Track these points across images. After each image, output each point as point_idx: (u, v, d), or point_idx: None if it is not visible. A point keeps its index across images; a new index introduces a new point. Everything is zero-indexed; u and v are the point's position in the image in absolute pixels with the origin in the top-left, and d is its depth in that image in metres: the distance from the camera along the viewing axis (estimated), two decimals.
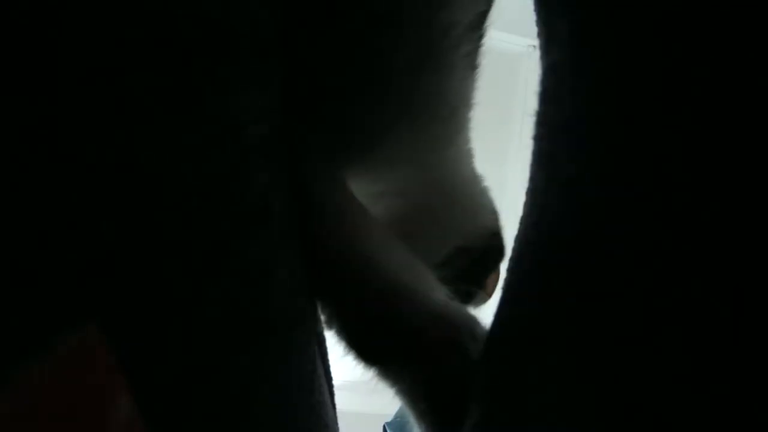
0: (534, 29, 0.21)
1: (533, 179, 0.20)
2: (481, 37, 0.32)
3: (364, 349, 0.30)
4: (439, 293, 0.29)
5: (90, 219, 0.09)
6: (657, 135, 0.13)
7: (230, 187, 0.14)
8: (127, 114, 0.10)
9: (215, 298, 0.13)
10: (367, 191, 0.33)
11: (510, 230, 0.23)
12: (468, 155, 0.36)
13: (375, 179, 0.34)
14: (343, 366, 0.31)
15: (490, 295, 0.38)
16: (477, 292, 0.38)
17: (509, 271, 0.23)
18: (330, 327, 0.31)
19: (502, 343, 0.22)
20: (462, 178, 0.36)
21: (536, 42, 0.21)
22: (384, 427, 0.61)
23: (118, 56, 0.09)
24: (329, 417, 0.32)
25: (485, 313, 0.28)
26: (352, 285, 0.29)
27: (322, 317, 0.31)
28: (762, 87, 0.11)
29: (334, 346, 0.32)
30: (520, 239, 0.22)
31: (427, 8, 0.27)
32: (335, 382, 0.40)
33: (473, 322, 0.28)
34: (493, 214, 0.39)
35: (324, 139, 0.28)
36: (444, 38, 0.29)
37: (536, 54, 0.21)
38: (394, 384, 0.29)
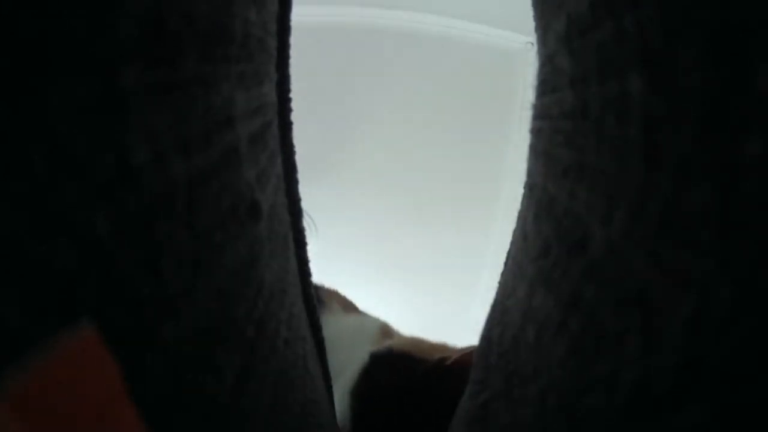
0: (531, 26, 0.21)
1: (531, 173, 0.20)
2: None
3: None
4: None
5: (82, 214, 0.09)
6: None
7: (217, 182, 0.14)
8: (115, 107, 0.10)
9: (205, 295, 0.13)
10: None
11: (508, 226, 0.23)
12: None
13: None
14: None
15: None
16: None
17: (508, 263, 0.23)
18: None
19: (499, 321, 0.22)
20: None
21: (533, 39, 0.21)
22: None
23: (108, 49, 0.09)
24: (324, 415, 0.32)
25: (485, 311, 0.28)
26: None
27: None
28: None
29: None
30: (518, 234, 0.22)
31: None
32: None
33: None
34: None
35: None
36: None
37: (533, 51, 0.21)
38: None
